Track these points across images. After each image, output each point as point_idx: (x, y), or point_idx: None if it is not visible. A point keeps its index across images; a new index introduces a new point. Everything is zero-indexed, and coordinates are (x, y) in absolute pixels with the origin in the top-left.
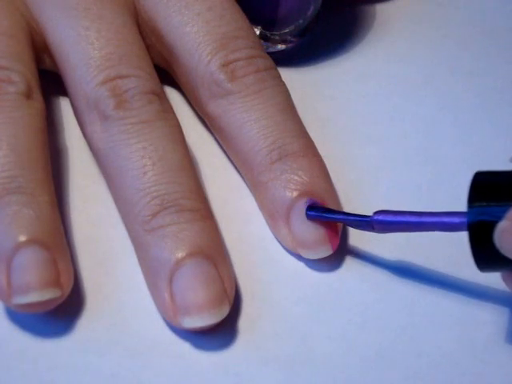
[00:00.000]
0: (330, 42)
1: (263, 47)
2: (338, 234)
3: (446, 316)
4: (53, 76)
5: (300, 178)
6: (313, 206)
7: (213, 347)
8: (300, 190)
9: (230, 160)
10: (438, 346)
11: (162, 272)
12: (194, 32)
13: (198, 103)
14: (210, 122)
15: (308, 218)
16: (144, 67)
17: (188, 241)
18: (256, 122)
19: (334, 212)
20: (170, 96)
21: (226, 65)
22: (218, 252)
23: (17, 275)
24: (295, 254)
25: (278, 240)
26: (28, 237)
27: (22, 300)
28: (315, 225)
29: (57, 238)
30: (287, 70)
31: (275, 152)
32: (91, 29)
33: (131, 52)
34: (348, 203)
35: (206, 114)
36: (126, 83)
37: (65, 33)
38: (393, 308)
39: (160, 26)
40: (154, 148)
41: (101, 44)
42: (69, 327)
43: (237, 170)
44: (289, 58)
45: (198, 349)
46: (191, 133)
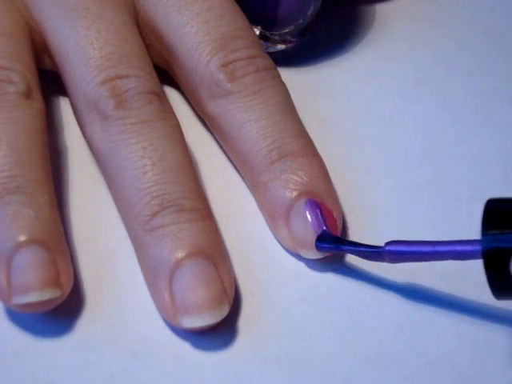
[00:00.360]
0: (329, 42)
1: (263, 47)
2: (338, 234)
3: (445, 316)
4: (53, 76)
5: (300, 178)
6: (322, 237)
7: (213, 347)
8: (300, 190)
9: (229, 160)
10: (438, 346)
11: (162, 272)
12: (194, 32)
13: (198, 103)
14: (210, 122)
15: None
16: (144, 67)
17: (188, 241)
18: (256, 122)
19: (344, 243)
20: (170, 96)
21: (225, 65)
22: (218, 252)
23: (17, 275)
24: (295, 254)
25: (277, 240)
26: (28, 237)
27: (21, 300)
28: None
29: (57, 238)
30: (287, 70)
31: (275, 152)
32: (91, 29)
33: (131, 52)
34: (348, 203)
35: (205, 114)
36: (126, 83)
37: (64, 33)
38: (392, 308)
39: (159, 26)
40: (153, 148)
41: (100, 44)
42: (68, 327)
43: (237, 170)
44: (289, 58)
45: (197, 349)
46: (191, 133)
